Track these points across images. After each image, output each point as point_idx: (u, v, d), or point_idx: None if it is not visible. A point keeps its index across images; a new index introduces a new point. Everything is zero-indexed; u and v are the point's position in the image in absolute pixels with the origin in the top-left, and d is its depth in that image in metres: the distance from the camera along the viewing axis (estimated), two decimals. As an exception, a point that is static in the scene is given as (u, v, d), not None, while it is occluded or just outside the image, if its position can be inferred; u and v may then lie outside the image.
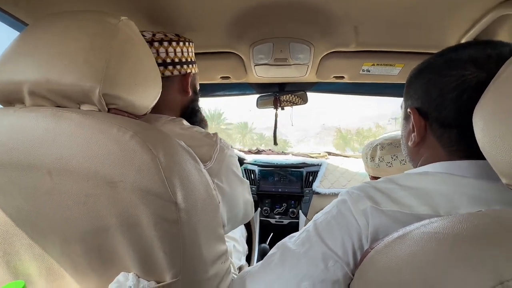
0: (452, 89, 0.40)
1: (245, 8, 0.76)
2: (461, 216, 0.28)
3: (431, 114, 0.43)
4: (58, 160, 0.35)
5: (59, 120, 0.36)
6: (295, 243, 0.46)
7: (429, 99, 0.44)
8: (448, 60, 0.42)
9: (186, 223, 0.39)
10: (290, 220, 1.47)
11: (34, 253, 0.41)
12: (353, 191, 0.44)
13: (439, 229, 0.27)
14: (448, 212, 0.38)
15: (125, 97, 0.42)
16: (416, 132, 0.46)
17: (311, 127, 28.48)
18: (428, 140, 0.45)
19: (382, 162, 0.96)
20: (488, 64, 0.38)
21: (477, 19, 0.74)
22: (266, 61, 1.01)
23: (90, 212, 0.36)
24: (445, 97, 0.41)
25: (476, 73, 0.38)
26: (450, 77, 0.40)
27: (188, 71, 0.67)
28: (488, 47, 0.40)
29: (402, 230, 0.32)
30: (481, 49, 0.40)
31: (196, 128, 0.60)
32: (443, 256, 0.25)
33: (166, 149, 0.38)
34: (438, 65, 0.43)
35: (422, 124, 0.45)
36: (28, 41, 0.41)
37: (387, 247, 0.31)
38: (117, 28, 0.43)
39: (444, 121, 0.42)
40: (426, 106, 0.44)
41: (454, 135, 0.41)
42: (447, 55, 0.43)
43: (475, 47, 0.41)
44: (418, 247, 0.27)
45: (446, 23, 0.79)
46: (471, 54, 0.40)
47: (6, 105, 0.43)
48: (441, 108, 0.42)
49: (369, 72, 1.05)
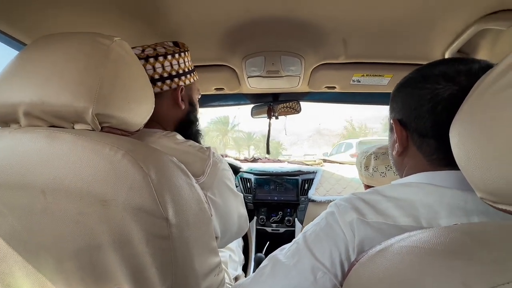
0: (428, 101, 0.43)
1: (237, 23, 0.79)
2: (438, 230, 0.29)
3: (411, 125, 0.46)
4: (52, 180, 0.36)
5: (53, 141, 0.37)
6: (285, 255, 0.47)
7: (408, 111, 0.46)
8: (424, 75, 0.45)
9: (177, 238, 0.40)
10: (286, 228, 1.47)
11: (28, 270, 0.41)
12: (341, 203, 0.46)
13: (417, 242, 0.28)
14: (429, 222, 0.39)
15: (118, 116, 0.43)
16: (398, 142, 0.48)
17: (304, 131, 28.51)
18: (410, 149, 0.47)
19: (376, 172, 0.95)
20: (457, 78, 0.41)
21: (460, 33, 0.78)
22: (259, 73, 1.03)
23: (83, 230, 0.37)
24: (422, 108, 0.43)
25: (447, 86, 0.41)
26: (425, 89, 0.43)
27: (179, 84, 0.67)
28: (460, 63, 0.43)
29: (384, 244, 0.33)
30: (452, 65, 0.43)
31: (189, 143, 0.61)
32: (419, 270, 0.26)
33: (157, 167, 0.40)
34: (415, 80, 0.46)
35: (403, 134, 0.47)
36: (23, 63, 0.43)
37: (369, 260, 0.32)
38: (110, 48, 0.44)
39: (422, 131, 0.44)
40: (406, 117, 0.47)
41: (433, 144, 0.43)
42: (423, 70, 0.47)
43: (447, 63, 0.44)
44: (397, 261, 0.29)
45: (431, 36, 0.82)
46: (442, 70, 0.43)
47: (1, 125, 0.44)
48: (419, 119, 0.44)
49: (360, 83, 1.08)
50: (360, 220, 0.42)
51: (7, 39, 0.71)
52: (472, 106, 0.33)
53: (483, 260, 0.23)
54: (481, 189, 0.31)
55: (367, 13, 0.72)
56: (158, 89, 0.64)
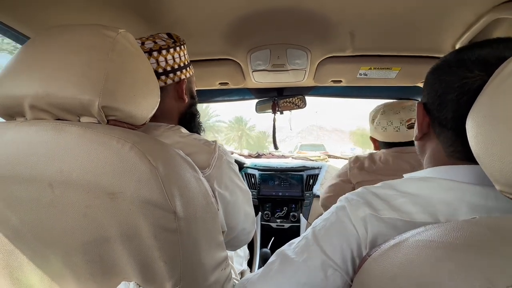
0: (454, 90, 0.39)
1: (242, 16, 0.77)
2: (456, 223, 0.28)
3: (433, 112, 0.43)
4: (59, 173, 0.36)
5: (59, 134, 0.37)
6: (294, 251, 0.46)
7: (434, 96, 0.43)
8: (460, 58, 0.40)
9: (185, 231, 0.39)
10: (291, 224, 1.47)
11: (36, 264, 0.41)
12: (352, 197, 0.44)
13: (434, 237, 0.28)
14: (448, 219, 0.37)
15: (124, 109, 0.43)
16: (418, 127, 0.46)
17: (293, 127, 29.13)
18: (431, 136, 0.45)
19: (378, 125, 1.00)
20: (495, 67, 0.34)
21: (471, 23, 0.75)
22: (264, 67, 1.02)
23: (91, 223, 0.37)
24: (446, 97, 0.40)
25: (480, 76, 0.37)
26: (455, 77, 0.39)
27: (182, 77, 0.66)
28: (505, 49, 0.37)
29: (398, 238, 0.32)
30: (495, 49, 0.38)
31: (194, 136, 0.60)
32: (437, 264, 0.25)
33: (164, 160, 0.39)
34: (449, 63, 0.42)
35: (425, 120, 0.45)
36: (28, 56, 0.42)
37: (383, 255, 0.32)
38: (115, 40, 0.44)
39: (442, 121, 0.42)
40: (431, 103, 0.44)
41: (451, 136, 0.41)
42: (461, 52, 0.41)
43: (490, 45, 0.39)
44: (413, 255, 0.28)
45: (441, 27, 0.80)
46: (481, 54, 0.38)
47: (7, 119, 0.44)
48: (441, 108, 0.42)
49: (367, 76, 1.06)
50: (374, 216, 0.40)
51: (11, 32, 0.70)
52: (490, 97, 0.31)
53: (507, 255, 0.22)
54: (500, 181, 0.30)
55: (376, 4, 0.70)
56: (162, 83, 0.64)
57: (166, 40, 0.65)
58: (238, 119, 29.67)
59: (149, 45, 0.62)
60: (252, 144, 28.62)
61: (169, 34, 0.67)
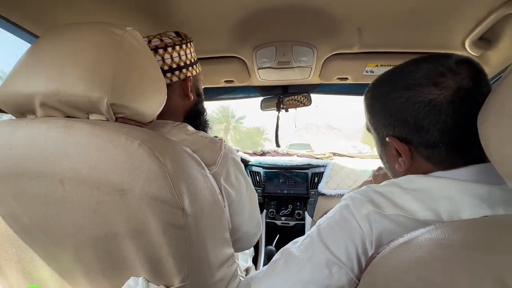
0: (428, 114, 0.41)
1: (248, 13, 0.77)
2: (467, 222, 0.28)
3: (414, 139, 0.43)
4: (70, 170, 0.36)
5: (69, 131, 0.37)
6: (298, 248, 0.46)
7: (406, 127, 0.43)
8: (407, 86, 0.42)
9: (193, 228, 0.40)
10: (296, 222, 1.47)
11: (47, 259, 0.42)
12: (356, 196, 0.44)
13: (444, 235, 0.27)
14: (450, 216, 0.38)
15: (132, 106, 0.43)
16: (405, 158, 0.45)
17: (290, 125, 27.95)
18: (417, 160, 0.45)
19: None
20: (445, 82, 0.39)
21: (482, 19, 0.74)
22: (269, 64, 1.01)
23: (101, 219, 0.37)
24: (423, 122, 0.41)
25: (442, 93, 0.40)
26: (419, 103, 0.41)
27: (188, 74, 0.66)
28: (437, 65, 0.41)
29: (407, 236, 0.32)
30: (431, 70, 0.41)
31: (201, 134, 0.60)
32: (448, 262, 0.25)
33: (172, 157, 0.39)
34: (400, 94, 0.43)
35: (407, 149, 0.45)
36: (38, 54, 0.43)
37: (392, 253, 0.31)
38: (123, 38, 0.44)
39: (430, 143, 0.42)
40: (405, 133, 0.44)
41: (444, 152, 0.42)
42: (401, 81, 0.44)
43: (423, 68, 0.42)
44: (424, 253, 0.28)
45: (450, 23, 0.79)
46: (426, 77, 0.41)
47: (18, 116, 0.45)
48: (423, 133, 0.42)
49: (373, 73, 1.05)
50: (377, 212, 0.41)
51: (20, 31, 0.71)
52: (501, 96, 0.32)
53: None
54: None
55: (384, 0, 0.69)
56: (168, 80, 0.64)
57: (173, 38, 0.65)
58: (223, 109, 25.69)
59: (155, 43, 0.62)
60: (239, 139, 25.70)
61: (177, 32, 0.67)
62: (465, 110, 0.39)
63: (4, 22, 0.68)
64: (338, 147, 24.85)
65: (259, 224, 0.71)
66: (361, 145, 25.94)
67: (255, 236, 0.71)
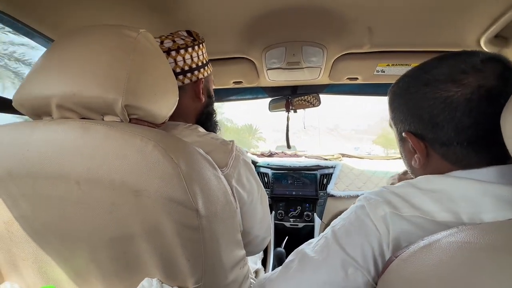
0: (442, 110, 0.40)
1: (257, 14, 0.77)
2: (492, 225, 0.27)
3: (428, 136, 0.43)
4: (86, 171, 0.37)
5: (85, 132, 0.38)
6: (313, 249, 0.46)
7: (421, 123, 0.43)
8: (426, 83, 0.42)
9: (207, 229, 0.39)
10: (305, 224, 1.45)
11: (63, 259, 0.42)
12: (371, 197, 0.44)
13: (470, 238, 0.26)
14: (470, 218, 0.36)
15: (146, 107, 0.43)
16: (419, 154, 0.45)
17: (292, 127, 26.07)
18: (433, 158, 0.44)
19: None
20: (465, 79, 0.39)
21: (498, 16, 0.72)
22: (279, 65, 1.01)
23: (116, 220, 0.37)
24: (437, 118, 0.41)
25: (459, 91, 0.39)
26: (434, 100, 0.41)
27: (199, 76, 0.66)
28: (459, 61, 0.40)
29: (428, 239, 0.31)
30: (452, 66, 0.40)
31: (212, 135, 0.60)
32: (476, 266, 0.24)
33: (186, 158, 0.39)
34: (418, 89, 0.43)
35: (422, 145, 0.44)
36: (54, 57, 0.44)
37: (412, 256, 0.31)
38: (136, 40, 0.44)
39: (444, 141, 0.41)
40: (420, 129, 0.44)
41: (460, 150, 0.41)
42: (422, 77, 0.44)
43: (446, 65, 0.41)
44: (447, 257, 0.27)
45: (465, 21, 0.77)
46: (444, 72, 0.41)
47: (35, 118, 0.46)
48: (437, 130, 0.41)
49: (384, 73, 1.03)
50: (394, 214, 0.40)
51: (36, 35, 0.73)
52: None
53: None
54: None
55: None
56: (180, 82, 0.64)
57: (185, 38, 0.65)
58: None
59: (168, 44, 0.62)
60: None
61: (188, 31, 0.67)
62: (484, 109, 0.38)
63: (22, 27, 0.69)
64: (339, 148, 24.29)
65: (269, 228, 0.71)
66: (368, 147, 25.40)
67: (265, 240, 0.70)
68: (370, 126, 48.44)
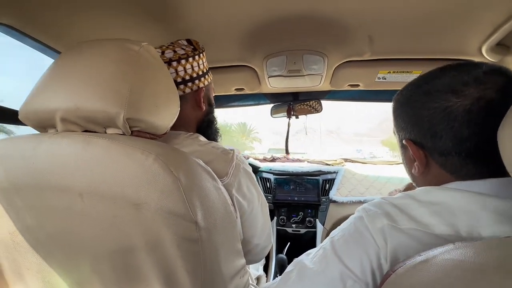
0: (441, 120, 0.40)
1: (258, 22, 0.78)
2: (488, 242, 0.27)
3: (428, 145, 0.43)
4: (88, 184, 0.37)
5: (88, 146, 0.39)
6: (312, 260, 0.46)
7: (420, 132, 0.44)
8: (427, 92, 0.43)
9: (206, 241, 0.40)
10: (307, 230, 1.45)
11: (66, 269, 0.43)
12: (370, 208, 0.44)
13: (464, 256, 0.26)
14: (469, 232, 0.36)
15: (147, 120, 0.44)
16: (418, 162, 0.45)
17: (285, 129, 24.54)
18: (432, 167, 0.45)
19: None
20: (466, 90, 0.39)
21: (500, 24, 0.72)
22: (280, 72, 1.02)
23: (117, 233, 0.38)
24: (436, 128, 0.41)
25: (459, 102, 0.39)
26: (434, 109, 0.41)
27: (200, 85, 0.67)
28: (461, 72, 0.40)
29: (425, 254, 0.31)
30: (454, 77, 0.41)
31: (213, 144, 0.61)
32: (468, 286, 0.24)
33: (186, 170, 0.40)
34: (419, 98, 0.44)
35: (421, 154, 0.45)
36: (59, 70, 0.45)
37: (409, 271, 0.31)
38: (139, 54, 0.45)
39: (442, 151, 0.42)
40: (420, 138, 0.44)
41: (458, 161, 0.41)
42: (423, 86, 0.44)
43: (447, 75, 0.42)
44: (442, 274, 0.27)
45: (466, 28, 0.77)
46: (445, 83, 0.41)
47: (41, 130, 0.47)
48: (436, 139, 0.42)
49: (385, 80, 1.03)
50: (392, 226, 0.40)
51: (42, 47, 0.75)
52: None
53: None
54: None
55: (396, 5, 0.68)
56: (181, 92, 0.65)
57: (186, 48, 0.65)
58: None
59: (169, 55, 0.63)
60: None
61: (188, 40, 0.68)
62: (483, 121, 0.38)
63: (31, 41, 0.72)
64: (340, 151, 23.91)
65: (270, 236, 0.71)
66: (370, 149, 25.12)
67: (266, 249, 0.70)
68: (370, 129, 48.07)
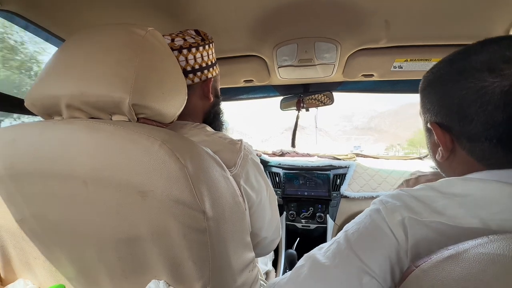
0: (473, 102, 0.36)
1: (268, 10, 0.75)
2: None
3: (455, 128, 0.40)
4: (92, 170, 0.36)
5: (93, 132, 0.37)
6: (325, 255, 0.43)
7: (448, 113, 0.40)
8: (461, 69, 0.39)
9: (214, 232, 0.38)
10: (317, 225, 1.42)
11: (72, 259, 0.43)
12: (388, 200, 0.41)
13: (503, 250, 0.23)
14: (500, 225, 0.33)
15: (153, 107, 0.43)
16: (442, 147, 0.42)
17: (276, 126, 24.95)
18: (458, 153, 0.41)
19: None
20: (506, 69, 0.34)
21: None
22: (290, 62, 0.98)
23: (123, 221, 0.37)
24: (467, 111, 0.37)
25: (496, 82, 0.35)
26: (467, 89, 0.37)
27: (209, 76, 0.66)
28: (502, 48, 0.36)
29: (453, 249, 0.28)
30: (494, 53, 0.36)
31: (220, 134, 0.59)
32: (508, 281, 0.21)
33: (193, 158, 0.38)
34: (450, 77, 0.40)
35: (447, 138, 0.41)
36: (64, 57, 0.44)
37: (435, 267, 0.28)
38: (144, 39, 0.44)
39: (471, 136, 0.38)
40: (448, 120, 0.40)
41: (487, 147, 0.37)
42: (457, 63, 0.40)
43: (486, 50, 0.37)
44: (476, 270, 0.24)
45: (492, 11, 0.71)
46: (483, 60, 0.36)
47: (46, 117, 0.46)
48: (465, 122, 0.38)
49: (402, 69, 0.98)
50: (413, 219, 0.37)
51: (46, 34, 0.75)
52: None
53: None
54: None
55: None
56: (190, 81, 0.63)
57: (195, 37, 0.64)
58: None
59: (179, 42, 0.62)
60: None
61: (196, 31, 0.66)
62: None
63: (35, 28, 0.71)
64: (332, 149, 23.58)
65: (279, 229, 0.69)
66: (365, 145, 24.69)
67: (274, 242, 0.69)
68: (357, 128, 47.36)
